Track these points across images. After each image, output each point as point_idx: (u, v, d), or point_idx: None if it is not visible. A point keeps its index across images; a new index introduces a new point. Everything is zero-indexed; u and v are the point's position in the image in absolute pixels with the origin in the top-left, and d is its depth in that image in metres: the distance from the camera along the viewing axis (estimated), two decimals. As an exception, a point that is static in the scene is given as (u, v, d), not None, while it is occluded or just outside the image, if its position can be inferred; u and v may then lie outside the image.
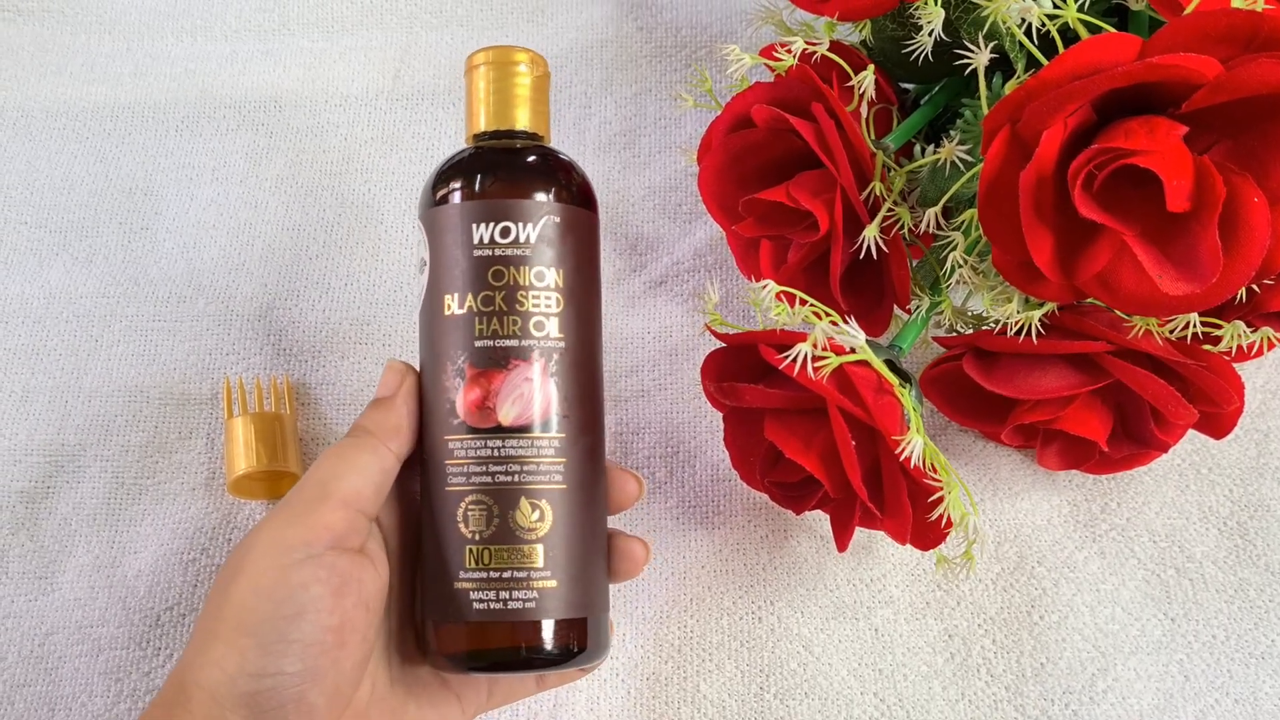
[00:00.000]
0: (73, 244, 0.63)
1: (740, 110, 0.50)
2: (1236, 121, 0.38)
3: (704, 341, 0.59)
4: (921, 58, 0.45)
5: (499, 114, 0.43)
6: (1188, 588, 0.52)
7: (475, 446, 0.41)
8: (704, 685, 0.51)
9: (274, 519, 0.39)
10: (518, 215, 0.41)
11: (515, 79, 0.44)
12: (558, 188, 0.43)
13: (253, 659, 0.36)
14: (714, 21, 0.69)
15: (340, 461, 0.40)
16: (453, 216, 0.42)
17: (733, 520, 0.55)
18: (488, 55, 0.44)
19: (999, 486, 0.55)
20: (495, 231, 0.41)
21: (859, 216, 0.46)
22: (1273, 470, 0.55)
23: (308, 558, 0.38)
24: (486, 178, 0.42)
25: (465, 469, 0.41)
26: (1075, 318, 0.46)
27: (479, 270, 0.41)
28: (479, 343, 0.41)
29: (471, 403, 0.41)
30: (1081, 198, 0.38)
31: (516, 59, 0.44)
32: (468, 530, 0.40)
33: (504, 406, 0.41)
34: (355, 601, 0.38)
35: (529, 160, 0.43)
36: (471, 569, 0.40)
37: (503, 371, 0.41)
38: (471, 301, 0.41)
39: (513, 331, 0.41)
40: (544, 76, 0.45)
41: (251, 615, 0.37)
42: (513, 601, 0.40)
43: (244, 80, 0.68)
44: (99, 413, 0.58)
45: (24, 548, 0.55)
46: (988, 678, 0.51)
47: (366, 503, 0.40)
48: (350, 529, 0.39)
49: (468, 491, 0.41)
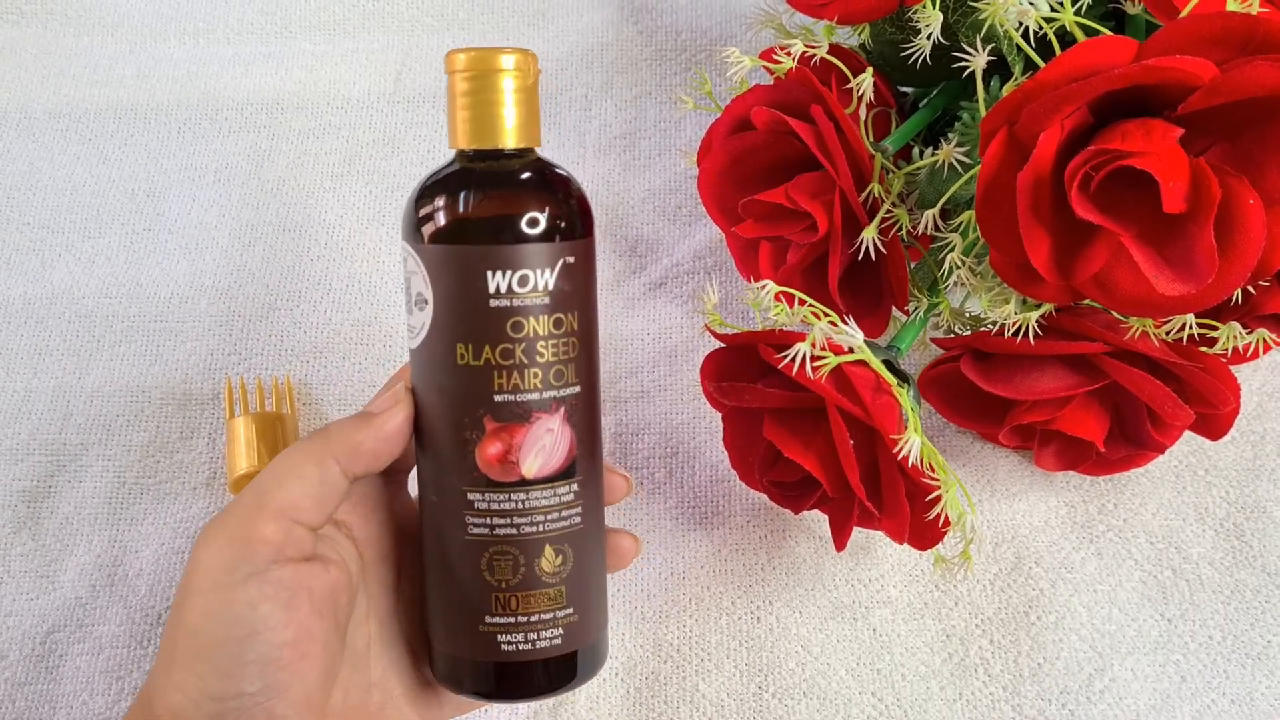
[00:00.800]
0: (75, 245, 0.63)
1: (740, 113, 0.50)
2: (1232, 124, 0.39)
3: (703, 343, 0.60)
4: (920, 61, 0.46)
5: (494, 130, 0.38)
6: (1184, 589, 0.53)
7: (499, 500, 0.39)
8: (703, 685, 0.52)
9: (213, 532, 0.38)
10: (535, 262, 0.38)
11: (515, 87, 0.39)
12: (570, 223, 0.39)
13: (212, 683, 0.36)
14: (713, 25, 0.69)
15: (283, 468, 0.39)
16: (463, 260, 0.38)
17: (731, 521, 0.55)
18: (470, 60, 0.38)
19: (996, 487, 0.55)
20: (514, 280, 0.38)
21: (858, 218, 0.47)
22: (1269, 472, 0.55)
23: (251, 574, 0.36)
24: (498, 216, 0.38)
25: (488, 521, 0.39)
26: (1072, 319, 0.46)
27: (497, 322, 0.38)
28: (499, 397, 0.39)
29: (493, 457, 0.39)
30: (1078, 199, 0.39)
31: (503, 65, 0.38)
32: (494, 579, 0.40)
33: (527, 460, 0.39)
34: (308, 611, 0.37)
35: (540, 193, 0.39)
36: (499, 614, 0.40)
37: (525, 425, 0.39)
38: (489, 354, 0.38)
39: (534, 385, 0.39)
40: (537, 78, 0.40)
41: (204, 639, 0.36)
42: (540, 641, 0.40)
43: (246, 82, 0.68)
44: (101, 412, 0.58)
45: (26, 546, 0.55)
46: (985, 678, 0.51)
47: (305, 514, 0.38)
48: (288, 540, 0.37)
49: (491, 542, 0.40)
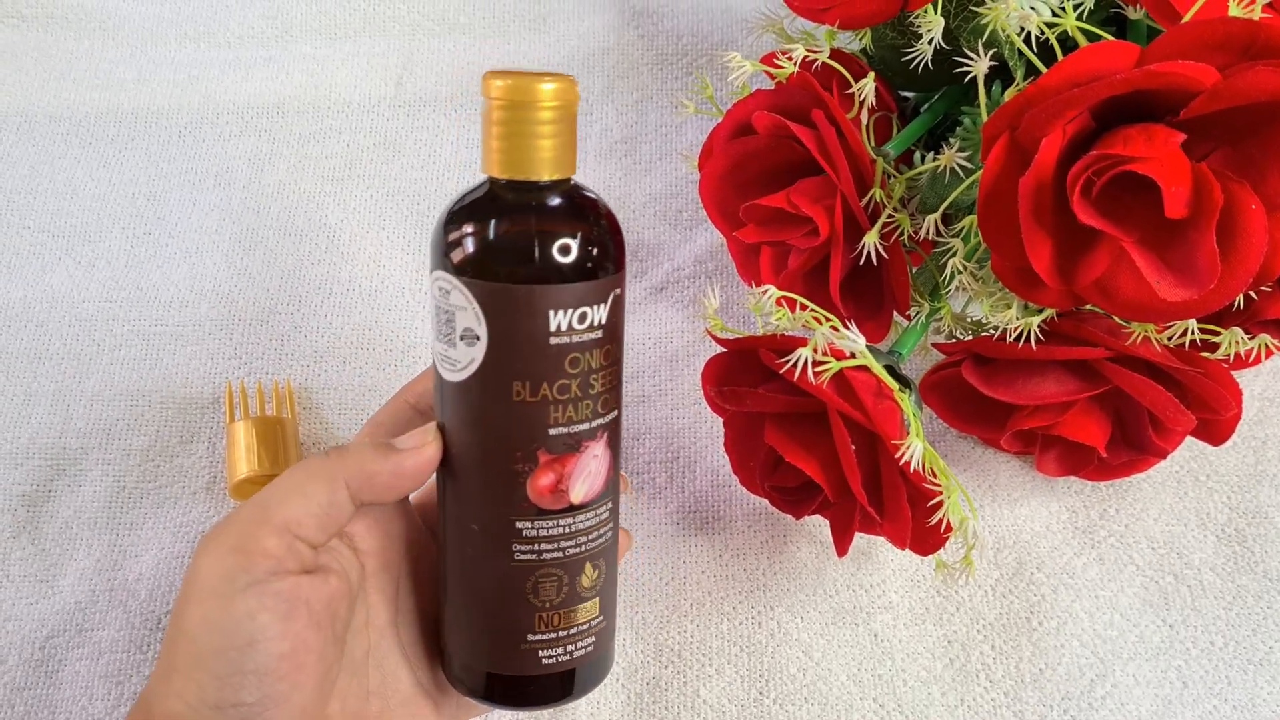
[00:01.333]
0: (76, 248, 0.63)
1: (741, 117, 0.50)
2: (1234, 129, 0.39)
3: (704, 347, 0.60)
4: (921, 66, 0.46)
5: (530, 163, 0.38)
6: (1186, 594, 0.53)
7: (548, 528, 0.40)
8: (704, 690, 0.51)
9: (214, 541, 0.38)
10: (593, 299, 0.39)
11: (557, 115, 0.38)
12: (618, 256, 0.40)
13: (211, 692, 0.36)
14: (714, 30, 0.69)
15: (291, 483, 0.39)
16: (526, 300, 0.38)
17: (732, 526, 0.55)
18: (523, 90, 0.37)
19: (998, 493, 0.55)
20: (574, 319, 0.38)
21: (859, 222, 0.47)
22: (1270, 477, 0.55)
23: (251, 584, 0.37)
24: (561, 259, 0.38)
25: (536, 548, 0.41)
26: (1074, 324, 0.46)
27: (556, 359, 0.39)
28: (554, 430, 0.39)
29: (545, 488, 0.40)
30: (1080, 204, 0.39)
31: (562, 95, 0.38)
32: (538, 600, 0.41)
33: (576, 487, 0.40)
34: (305, 623, 0.38)
35: (592, 230, 0.39)
36: (541, 632, 0.41)
37: (576, 455, 0.40)
38: (547, 390, 0.39)
39: (585, 416, 0.40)
40: (576, 102, 0.39)
41: (204, 647, 0.37)
42: (578, 651, 0.42)
43: (247, 86, 0.68)
44: (101, 416, 0.58)
45: (25, 551, 0.55)
46: (987, 683, 0.51)
47: (307, 532, 0.38)
48: (289, 553, 0.38)
49: (539, 566, 0.41)
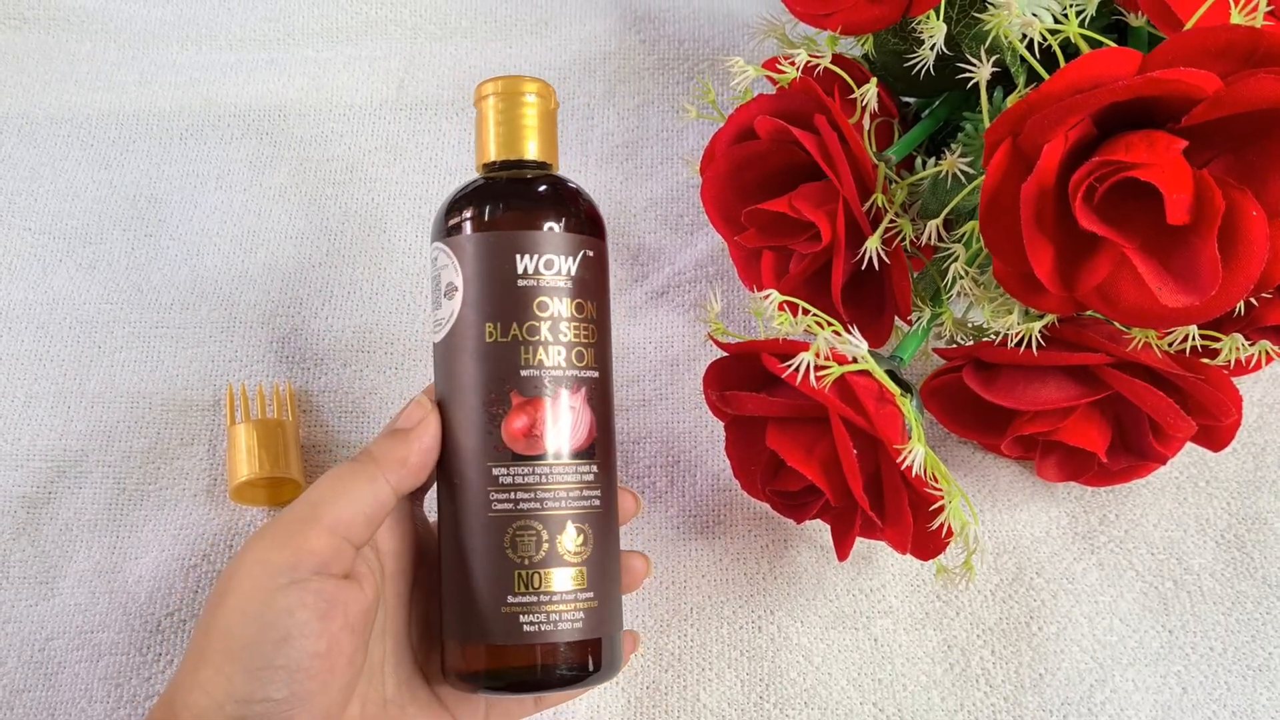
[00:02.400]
0: (76, 250, 0.63)
1: (744, 122, 0.50)
2: (1235, 136, 0.39)
3: (705, 352, 0.60)
4: (923, 71, 0.46)
5: (515, 143, 0.44)
6: (1185, 600, 0.53)
7: (523, 473, 0.41)
8: (704, 694, 0.51)
9: (262, 539, 0.39)
10: (560, 249, 0.42)
11: (537, 109, 0.44)
12: (589, 222, 0.44)
13: (240, 685, 0.36)
14: (716, 35, 0.70)
15: (336, 485, 0.40)
16: (493, 245, 0.42)
17: (733, 530, 0.55)
18: (511, 85, 0.44)
19: (998, 498, 0.55)
20: (540, 263, 0.42)
21: (861, 228, 0.47)
22: (1270, 483, 0.55)
23: (293, 582, 0.37)
24: (524, 209, 0.43)
25: (512, 495, 0.41)
26: (1075, 330, 0.46)
27: (524, 300, 0.42)
28: (525, 371, 0.41)
29: (518, 430, 0.41)
30: (1082, 210, 0.39)
31: (542, 91, 0.44)
32: (516, 555, 0.41)
33: (550, 434, 0.41)
34: (341, 625, 0.38)
35: (561, 193, 0.44)
36: (521, 593, 0.41)
37: (548, 400, 0.42)
38: (516, 330, 0.42)
39: (558, 362, 0.42)
40: (555, 108, 0.46)
41: (238, 640, 0.37)
42: (562, 623, 0.41)
43: (248, 89, 0.68)
44: (101, 418, 0.58)
45: (25, 553, 0.55)
46: (986, 688, 0.51)
47: (355, 531, 0.39)
48: (336, 555, 0.39)
49: (515, 517, 0.41)
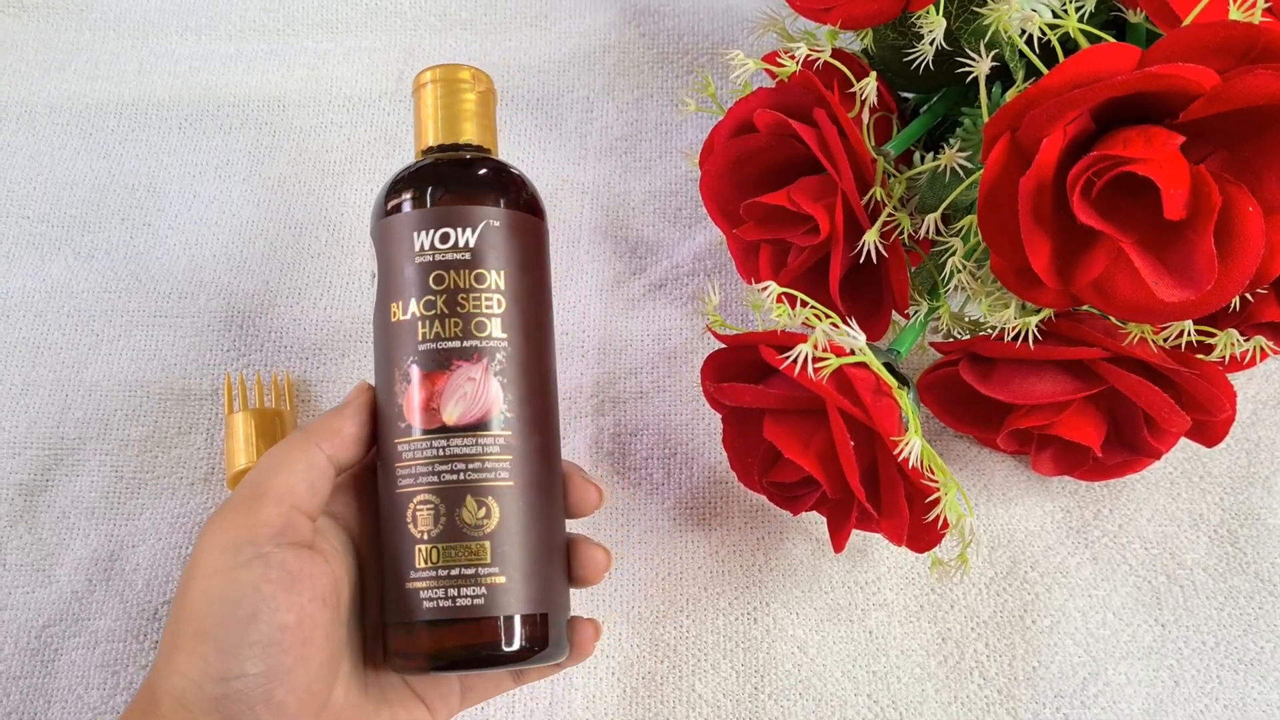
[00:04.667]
0: (75, 239, 0.63)
1: (743, 115, 0.50)
2: (1233, 132, 0.39)
3: (702, 345, 0.60)
4: (922, 66, 0.46)
5: (444, 128, 0.45)
6: (1178, 594, 0.53)
7: (421, 447, 0.41)
8: (699, 685, 0.52)
9: (216, 521, 0.39)
10: (456, 221, 0.43)
11: (458, 94, 0.45)
12: (496, 193, 0.44)
13: (214, 664, 0.37)
14: (715, 29, 0.70)
15: (275, 460, 0.40)
16: (396, 227, 0.43)
17: (729, 522, 0.56)
18: (433, 73, 0.45)
19: (993, 492, 0.56)
20: (435, 238, 0.43)
21: (859, 221, 0.47)
22: (1263, 479, 0.55)
23: (254, 557, 0.38)
24: (425, 188, 0.44)
25: (413, 470, 0.41)
26: (1071, 324, 0.46)
27: (421, 276, 0.42)
28: (423, 346, 0.42)
29: (419, 405, 0.42)
30: (1080, 204, 0.39)
31: (460, 75, 0.45)
32: (416, 530, 0.41)
33: (448, 406, 0.41)
34: (310, 597, 0.38)
35: (466, 169, 0.45)
36: (421, 568, 0.41)
37: (446, 373, 0.42)
38: (415, 307, 0.42)
39: (454, 333, 0.42)
40: (487, 92, 0.46)
41: (207, 621, 0.37)
42: (461, 599, 0.40)
43: (248, 79, 0.68)
44: (99, 407, 0.58)
45: (22, 540, 0.55)
46: (980, 681, 0.51)
47: (300, 499, 0.40)
48: (288, 524, 0.39)
49: (416, 492, 0.41)
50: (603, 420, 0.58)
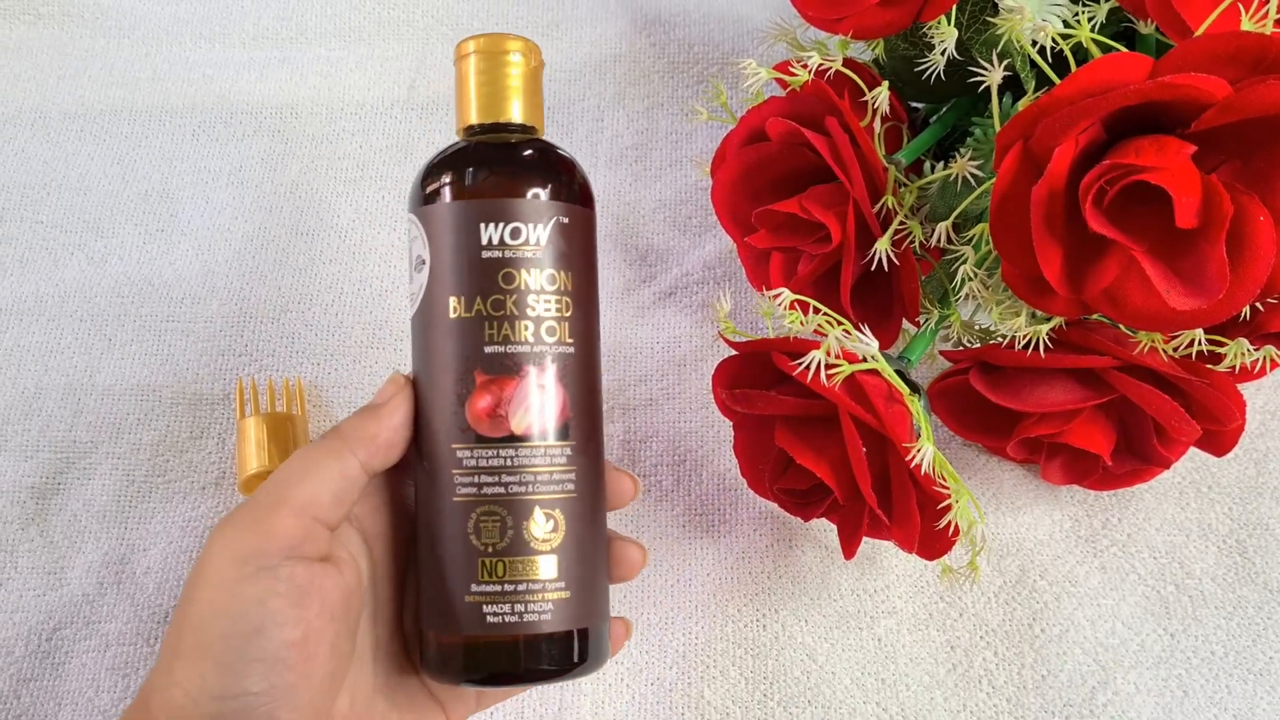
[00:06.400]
0: (88, 244, 0.63)
1: (755, 124, 0.51)
2: (1244, 142, 0.39)
3: (712, 352, 0.60)
4: (933, 76, 0.46)
5: (494, 106, 0.41)
6: (1187, 604, 0.53)
7: (487, 456, 0.39)
8: (708, 691, 0.52)
9: (228, 526, 0.37)
10: (529, 216, 0.40)
11: (509, 68, 0.41)
12: (564, 186, 0.41)
13: (214, 680, 0.35)
14: (726, 39, 0.70)
15: (303, 464, 0.38)
16: (457, 215, 0.40)
17: (738, 529, 0.56)
18: (479, 43, 0.41)
19: (1002, 500, 0.56)
20: (506, 233, 0.39)
21: (871, 229, 0.47)
22: (1272, 489, 0.55)
23: (261, 569, 0.36)
24: (492, 174, 0.40)
25: (476, 479, 0.39)
26: (1082, 333, 0.47)
27: (489, 272, 0.39)
28: (489, 348, 0.39)
29: (483, 410, 0.39)
30: (1092, 213, 0.39)
31: (510, 47, 0.41)
32: (480, 542, 0.39)
33: (517, 414, 0.39)
34: (319, 611, 0.37)
35: (534, 156, 0.41)
36: (485, 581, 0.39)
37: (515, 379, 0.39)
38: (481, 305, 0.39)
39: (524, 338, 0.39)
40: (539, 67, 0.42)
41: (209, 633, 0.35)
42: (529, 614, 0.39)
43: (261, 87, 0.69)
44: (111, 410, 0.58)
45: (34, 543, 0.55)
46: (989, 689, 0.51)
47: (324, 510, 0.38)
48: (306, 536, 0.37)
49: (479, 502, 0.39)
50: (613, 427, 0.58)
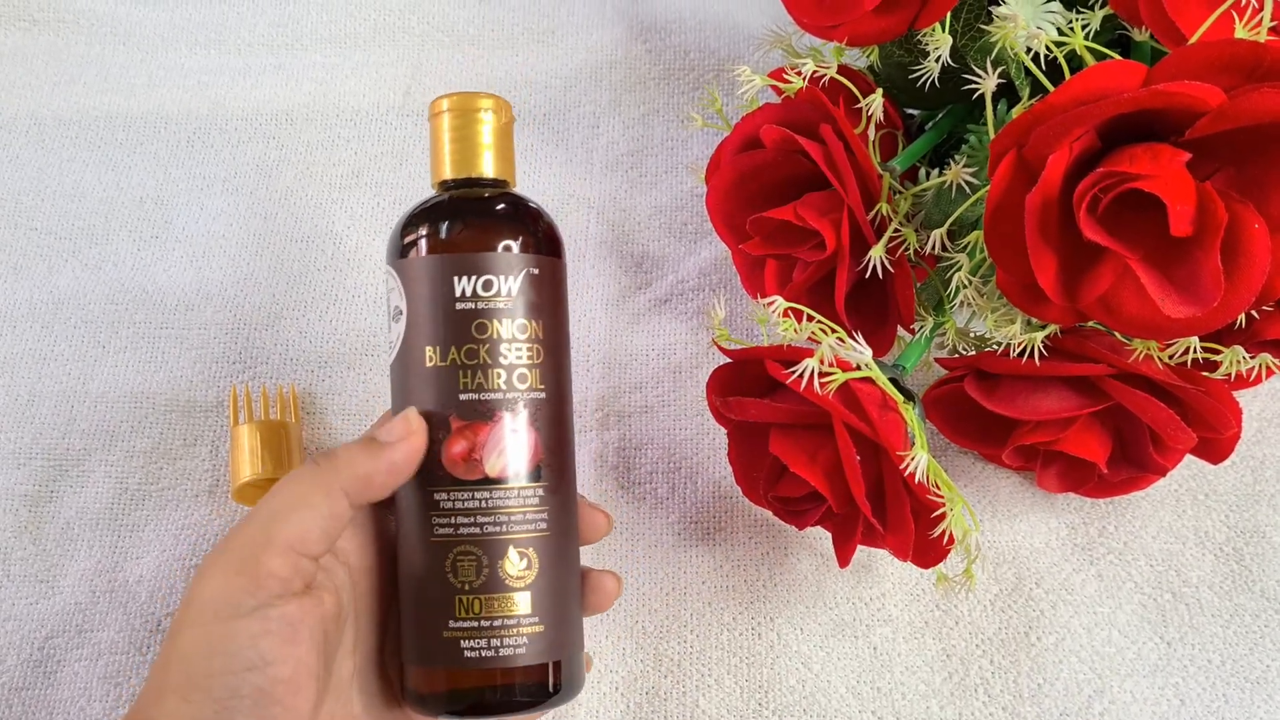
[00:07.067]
0: (82, 250, 0.63)
1: (749, 131, 0.51)
2: (1238, 150, 0.39)
3: (707, 359, 0.60)
4: (928, 83, 0.46)
5: (466, 161, 0.44)
6: (1184, 612, 0.53)
7: (463, 498, 0.41)
8: (703, 701, 0.52)
9: (218, 562, 0.38)
10: (500, 268, 0.42)
11: (481, 125, 0.44)
12: (534, 239, 0.43)
13: (206, 713, 0.36)
14: (721, 46, 0.70)
15: (292, 497, 0.40)
16: (432, 268, 0.42)
17: (733, 537, 0.56)
18: (452, 101, 0.44)
19: (998, 508, 0.56)
20: (478, 285, 0.42)
21: (865, 236, 0.47)
22: (1268, 497, 0.55)
23: (255, 609, 0.37)
24: (465, 228, 0.43)
25: (452, 520, 0.41)
26: (1077, 340, 0.46)
27: (462, 323, 0.42)
28: (464, 395, 0.41)
29: (458, 455, 0.41)
30: (1086, 221, 0.39)
31: (481, 105, 0.44)
32: (457, 580, 0.41)
33: (490, 458, 0.41)
34: (308, 647, 0.38)
35: (505, 211, 0.44)
36: (462, 618, 0.41)
37: (488, 424, 0.41)
38: (455, 354, 0.42)
39: (497, 385, 0.42)
40: (509, 123, 0.45)
41: (201, 670, 0.36)
42: (504, 649, 0.41)
43: (256, 94, 0.69)
44: (105, 418, 0.58)
45: (26, 551, 0.55)
46: (985, 698, 0.51)
47: (311, 545, 0.39)
48: (295, 573, 0.38)
49: (456, 542, 0.41)
50: (607, 435, 0.58)
